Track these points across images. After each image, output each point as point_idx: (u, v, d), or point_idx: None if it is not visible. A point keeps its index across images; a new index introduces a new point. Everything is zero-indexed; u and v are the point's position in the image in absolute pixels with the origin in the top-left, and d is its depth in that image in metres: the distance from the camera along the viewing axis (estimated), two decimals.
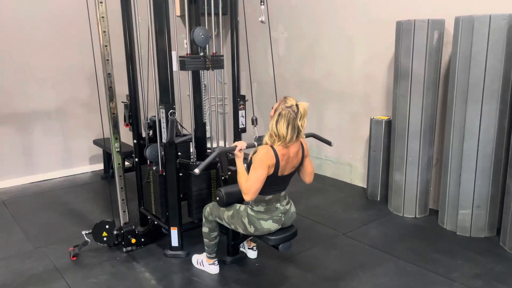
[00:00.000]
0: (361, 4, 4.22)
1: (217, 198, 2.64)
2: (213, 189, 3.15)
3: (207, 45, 2.94)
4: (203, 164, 2.45)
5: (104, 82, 2.93)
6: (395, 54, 3.62)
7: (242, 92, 3.30)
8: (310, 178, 2.58)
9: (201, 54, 2.94)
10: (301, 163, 2.49)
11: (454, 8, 3.42)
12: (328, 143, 2.97)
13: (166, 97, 2.86)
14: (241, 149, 2.45)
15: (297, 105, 2.29)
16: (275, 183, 2.43)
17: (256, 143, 2.57)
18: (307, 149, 2.49)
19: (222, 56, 3.09)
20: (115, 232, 3.08)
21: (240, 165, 2.43)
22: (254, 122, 2.77)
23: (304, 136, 2.47)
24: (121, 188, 3.12)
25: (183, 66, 2.86)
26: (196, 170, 2.39)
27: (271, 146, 2.33)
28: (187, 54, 2.96)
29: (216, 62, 3.00)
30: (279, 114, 2.30)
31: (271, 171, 2.34)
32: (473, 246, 3.19)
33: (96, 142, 4.97)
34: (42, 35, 4.63)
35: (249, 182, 2.31)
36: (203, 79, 3.38)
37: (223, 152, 3.00)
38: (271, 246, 2.59)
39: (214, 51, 3.12)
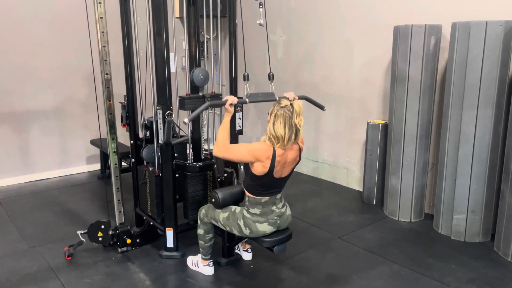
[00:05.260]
0: (359, 8, 4.24)
1: (213, 200, 2.65)
2: (209, 190, 3.16)
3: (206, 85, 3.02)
4: (194, 114, 2.45)
5: (101, 82, 2.94)
6: (392, 58, 3.64)
7: (240, 94, 3.31)
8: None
9: (200, 94, 3.00)
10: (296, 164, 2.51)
11: (451, 13, 3.45)
12: (321, 107, 2.94)
13: (164, 98, 2.87)
14: (231, 104, 2.46)
15: (291, 104, 2.32)
16: (271, 185, 2.44)
17: (247, 100, 2.56)
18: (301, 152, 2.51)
19: (221, 94, 3.13)
20: (110, 233, 3.09)
21: (227, 120, 2.46)
22: (246, 78, 2.72)
23: (302, 143, 2.48)
24: (117, 188, 3.12)
25: (182, 106, 2.90)
26: (186, 120, 2.37)
27: (273, 146, 2.35)
28: (186, 94, 3.00)
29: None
30: (275, 116, 2.32)
31: (263, 169, 2.35)
32: (468, 251, 3.20)
33: (93, 142, 4.96)
34: (41, 35, 4.63)
35: (226, 143, 2.41)
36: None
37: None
38: (266, 248, 2.60)
39: (213, 90, 3.16)
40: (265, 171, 2.36)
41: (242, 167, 3.31)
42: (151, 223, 3.24)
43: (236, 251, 3.08)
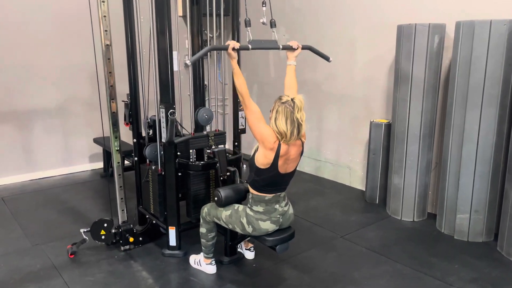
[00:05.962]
0: (362, 7, 4.23)
1: (216, 198, 2.65)
2: (212, 189, 3.16)
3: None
4: (196, 56, 2.43)
5: (105, 80, 2.94)
6: (396, 57, 3.63)
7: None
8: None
9: (205, 133, 3.05)
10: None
11: (455, 12, 3.43)
12: (326, 58, 2.91)
13: (167, 96, 2.87)
14: (234, 48, 2.44)
15: (292, 99, 2.32)
16: (276, 182, 2.44)
17: (250, 46, 2.52)
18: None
19: (225, 132, 3.17)
20: (113, 231, 3.09)
21: (235, 66, 2.46)
22: (247, 24, 2.64)
23: (304, 138, 2.48)
24: (120, 186, 3.13)
25: (187, 145, 2.96)
26: (188, 62, 2.35)
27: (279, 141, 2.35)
28: (191, 133, 3.05)
29: (219, 139, 3.09)
30: (277, 111, 2.33)
31: (266, 160, 2.35)
32: (471, 250, 3.19)
33: (96, 141, 4.98)
34: (44, 33, 4.64)
35: (246, 92, 2.42)
36: (204, 80, 3.39)
37: (222, 152, 3.01)
38: (269, 247, 2.60)
39: (217, 128, 3.20)
40: (268, 163, 2.35)
41: (244, 166, 3.32)
42: (154, 222, 3.24)
43: (239, 249, 3.08)
